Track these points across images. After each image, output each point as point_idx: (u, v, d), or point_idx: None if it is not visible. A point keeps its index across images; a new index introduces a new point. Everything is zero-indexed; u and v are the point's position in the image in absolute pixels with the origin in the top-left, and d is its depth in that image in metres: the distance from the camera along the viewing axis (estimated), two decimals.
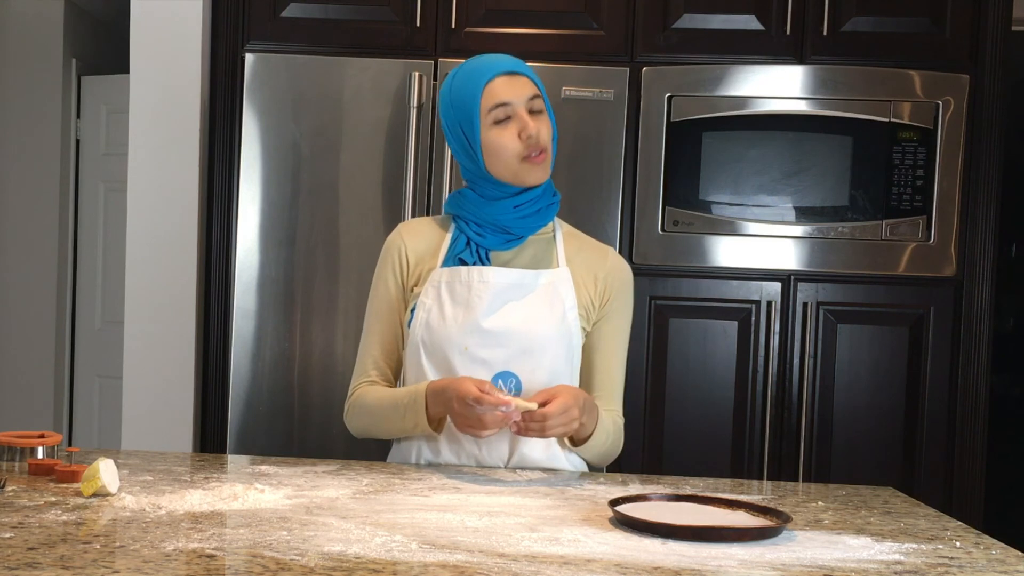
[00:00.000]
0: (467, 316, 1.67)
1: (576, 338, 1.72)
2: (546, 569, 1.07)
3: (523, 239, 1.74)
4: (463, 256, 1.72)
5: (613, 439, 1.76)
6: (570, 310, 1.71)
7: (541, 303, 1.70)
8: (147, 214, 2.85)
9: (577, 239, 1.82)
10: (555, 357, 1.69)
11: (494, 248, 1.73)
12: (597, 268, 1.77)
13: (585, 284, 1.75)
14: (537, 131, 1.68)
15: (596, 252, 1.80)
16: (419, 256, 1.76)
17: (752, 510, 1.36)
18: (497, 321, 1.67)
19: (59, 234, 4.19)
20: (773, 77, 2.68)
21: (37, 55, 4.15)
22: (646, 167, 2.71)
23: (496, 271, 1.70)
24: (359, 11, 2.78)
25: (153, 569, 1.01)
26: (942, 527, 1.38)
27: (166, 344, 2.85)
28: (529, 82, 1.70)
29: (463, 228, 1.74)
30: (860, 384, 2.70)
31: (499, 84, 1.69)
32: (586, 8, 2.75)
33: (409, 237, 1.78)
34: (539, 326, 1.68)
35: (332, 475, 1.57)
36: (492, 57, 1.72)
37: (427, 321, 1.70)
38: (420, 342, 1.70)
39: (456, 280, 1.70)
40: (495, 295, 1.68)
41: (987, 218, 2.68)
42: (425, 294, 1.71)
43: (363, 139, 2.73)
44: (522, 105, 1.69)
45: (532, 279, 1.71)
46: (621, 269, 1.80)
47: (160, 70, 2.83)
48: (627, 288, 1.80)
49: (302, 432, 2.75)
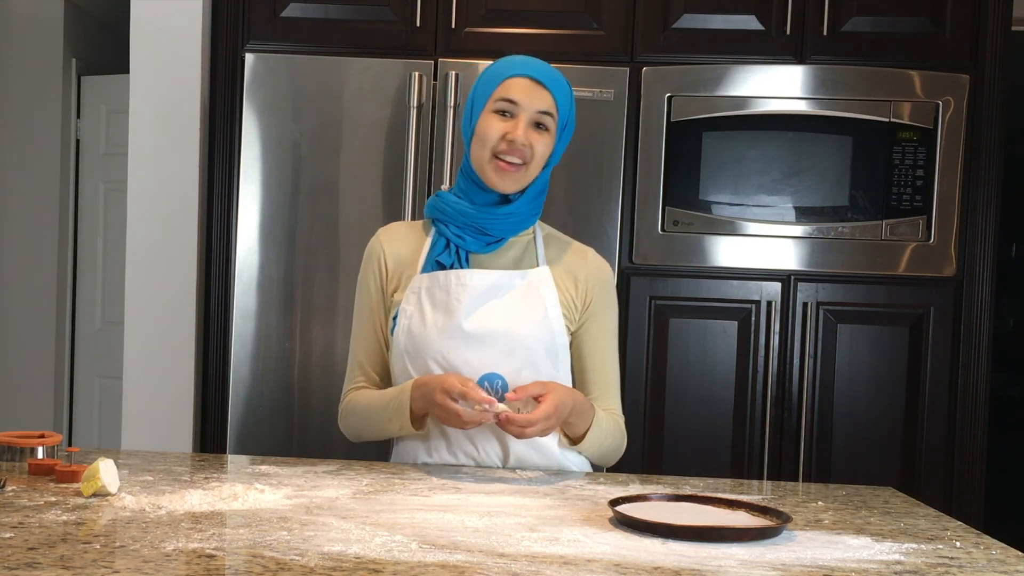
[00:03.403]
0: (447, 320, 1.68)
1: (560, 336, 1.72)
2: (546, 569, 1.07)
3: (503, 241, 1.74)
4: (441, 259, 1.72)
5: (613, 439, 1.76)
6: (552, 308, 1.71)
7: (522, 303, 1.70)
8: (147, 214, 2.85)
9: (557, 241, 1.82)
10: (539, 356, 1.69)
11: (474, 250, 1.73)
12: (577, 269, 1.77)
13: (566, 285, 1.75)
14: (526, 141, 1.66)
15: (576, 254, 1.80)
16: (398, 261, 1.77)
17: (752, 510, 1.36)
18: (478, 323, 1.67)
19: (59, 234, 4.19)
20: (773, 77, 2.68)
21: (37, 55, 4.15)
22: (646, 167, 2.71)
23: (475, 273, 1.70)
24: (359, 11, 2.78)
25: (153, 569, 1.01)
26: (942, 527, 1.38)
27: (166, 344, 2.85)
28: (548, 97, 1.68)
29: (442, 231, 1.74)
30: (860, 384, 2.70)
31: (518, 83, 1.68)
32: (586, 8, 2.75)
33: (388, 242, 1.79)
34: (521, 326, 1.68)
35: (332, 475, 1.57)
36: (530, 60, 1.71)
37: (409, 328, 1.70)
38: (404, 351, 1.71)
39: (435, 285, 1.70)
40: (474, 297, 1.68)
41: (987, 218, 2.68)
42: (406, 300, 1.72)
43: (363, 139, 2.73)
44: (528, 112, 1.68)
45: (512, 279, 1.71)
46: (600, 269, 1.80)
47: (160, 70, 2.83)
48: (608, 287, 1.81)
49: (302, 432, 2.75)
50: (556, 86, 1.69)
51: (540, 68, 1.70)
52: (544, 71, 1.70)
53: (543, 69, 1.70)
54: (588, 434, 1.70)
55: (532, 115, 1.68)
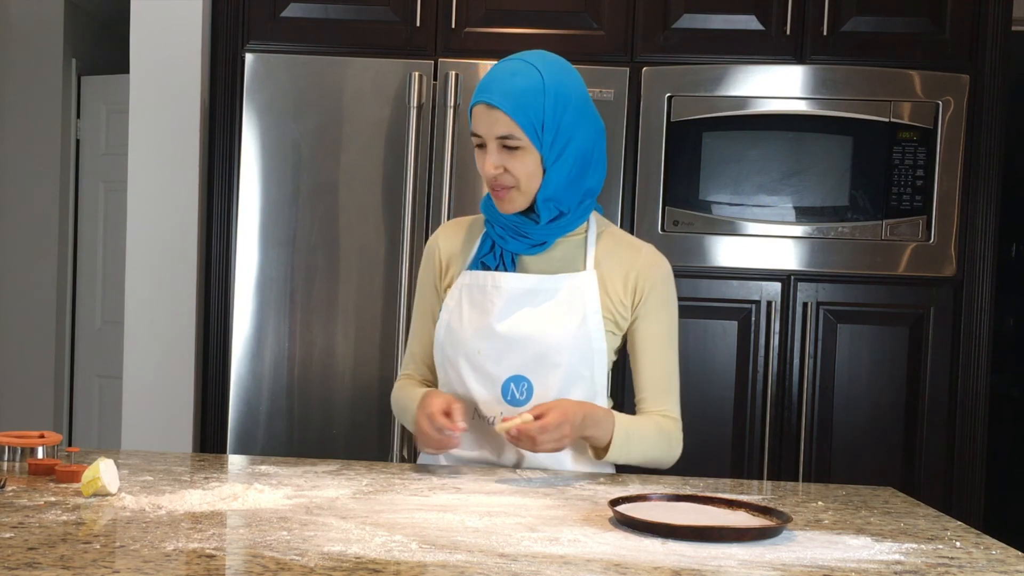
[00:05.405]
0: (482, 320, 1.69)
1: (597, 343, 1.69)
2: (546, 569, 1.07)
3: (547, 244, 1.71)
4: (486, 260, 1.72)
5: (652, 444, 1.70)
6: (592, 315, 1.68)
7: (559, 308, 1.68)
8: (147, 214, 2.85)
9: (612, 238, 1.76)
10: (571, 363, 1.67)
11: (518, 252, 1.71)
12: (628, 267, 1.72)
13: (613, 285, 1.71)
14: (497, 172, 1.63)
15: (629, 250, 1.75)
16: (451, 257, 1.79)
17: (752, 510, 1.36)
18: (510, 326, 1.67)
19: (59, 234, 4.19)
20: (773, 77, 2.68)
21: (37, 55, 4.15)
22: (646, 167, 2.71)
23: (512, 277, 1.69)
24: (359, 11, 2.78)
25: (153, 569, 1.01)
26: (942, 527, 1.38)
27: (166, 344, 2.85)
28: (503, 119, 1.59)
29: (489, 231, 1.74)
30: (860, 384, 2.70)
31: (477, 112, 1.63)
32: (586, 8, 2.75)
33: (444, 239, 1.82)
34: (554, 332, 1.67)
35: (332, 475, 1.57)
36: (491, 79, 1.63)
37: (448, 323, 1.73)
38: (442, 344, 1.74)
39: (475, 284, 1.71)
40: (508, 300, 1.68)
41: (987, 218, 2.68)
42: (450, 296, 1.74)
43: (363, 139, 2.73)
44: (491, 141, 1.62)
45: (551, 284, 1.69)
46: (655, 266, 1.74)
47: (160, 70, 2.83)
48: (663, 284, 1.74)
49: (302, 432, 2.75)
50: (513, 104, 1.59)
51: (496, 88, 1.61)
52: (499, 90, 1.60)
53: (498, 88, 1.60)
54: (613, 442, 1.65)
55: (495, 143, 1.62)
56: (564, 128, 1.63)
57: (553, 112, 1.61)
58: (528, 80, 1.60)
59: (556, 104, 1.61)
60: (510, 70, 1.62)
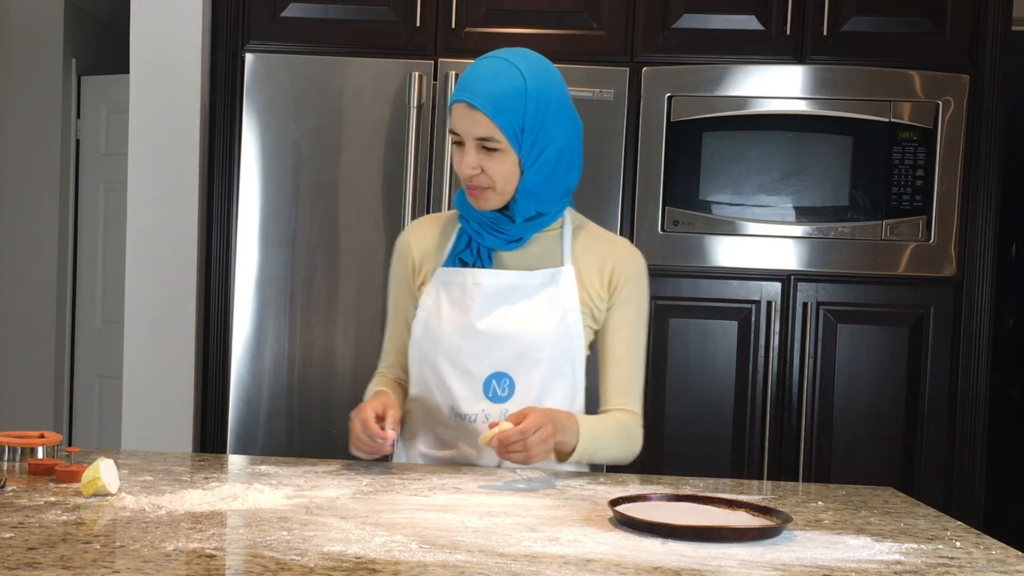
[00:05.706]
0: (462, 318, 1.68)
1: (577, 339, 1.69)
2: (546, 569, 1.07)
3: (523, 240, 1.71)
4: (463, 256, 1.71)
5: (618, 441, 1.70)
6: (571, 311, 1.68)
7: (539, 304, 1.68)
8: (147, 214, 2.85)
9: (588, 233, 1.76)
10: (552, 358, 1.68)
11: (495, 247, 1.71)
12: (604, 260, 1.72)
13: (590, 280, 1.71)
14: (474, 172, 1.62)
15: (605, 244, 1.75)
16: (424, 255, 1.77)
17: (752, 510, 1.36)
18: (491, 323, 1.67)
19: (59, 234, 4.18)
20: (773, 77, 2.68)
21: (37, 55, 4.15)
22: (646, 167, 2.71)
23: (490, 274, 1.69)
24: (359, 11, 2.78)
25: (153, 569, 1.01)
26: (942, 527, 1.38)
27: (166, 344, 2.85)
28: (483, 121, 1.58)
29: (465, 226, 1.73)
30: (860, 384, 2.70)
31: (457, 111, 1.62)
32: (586, 8, 2.75)
33: (415, 236, 1.79)
34: (535, 328, 1.66)
35: (332, 475, 1.57)
36: (472, 77, 1.62)
37: (426, 321, 1.71)
38: (420, 342, 1.72)
39: (453, 281, 1.70)
40: (488, 297, 1.67)
41: (987, 218, 2.68)
42: (427, 294, 1.72)
43: (363, 139, 2.73)
44: (470, 140, 1.62)
45: (529, 280, 1.69)
46: (630, 260, 1.73)
47: (160, 70, 2.83)
48: (637, 278, 1.73)
49: (302, 432, 2.75)
50: (494, 107, 1.58)
51: (477, 88, 1.60)
52: (481, 91, 1.59)
53: (481, 88, 1.59)
54: (580, 444, 1.63)
55: (474, 143, 1.61)
56: (544, 131, 1.62)
57: (535, 116, 1.61)
58: (511, 82, 1.59)
59: (538, 108, 1.60)
60: (493, 70, 1.61)
